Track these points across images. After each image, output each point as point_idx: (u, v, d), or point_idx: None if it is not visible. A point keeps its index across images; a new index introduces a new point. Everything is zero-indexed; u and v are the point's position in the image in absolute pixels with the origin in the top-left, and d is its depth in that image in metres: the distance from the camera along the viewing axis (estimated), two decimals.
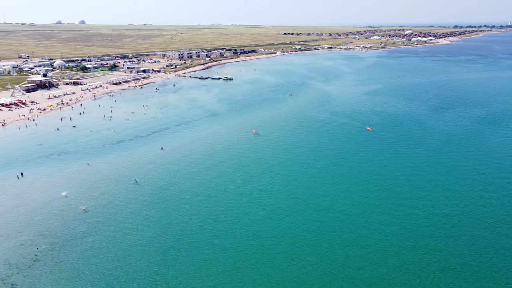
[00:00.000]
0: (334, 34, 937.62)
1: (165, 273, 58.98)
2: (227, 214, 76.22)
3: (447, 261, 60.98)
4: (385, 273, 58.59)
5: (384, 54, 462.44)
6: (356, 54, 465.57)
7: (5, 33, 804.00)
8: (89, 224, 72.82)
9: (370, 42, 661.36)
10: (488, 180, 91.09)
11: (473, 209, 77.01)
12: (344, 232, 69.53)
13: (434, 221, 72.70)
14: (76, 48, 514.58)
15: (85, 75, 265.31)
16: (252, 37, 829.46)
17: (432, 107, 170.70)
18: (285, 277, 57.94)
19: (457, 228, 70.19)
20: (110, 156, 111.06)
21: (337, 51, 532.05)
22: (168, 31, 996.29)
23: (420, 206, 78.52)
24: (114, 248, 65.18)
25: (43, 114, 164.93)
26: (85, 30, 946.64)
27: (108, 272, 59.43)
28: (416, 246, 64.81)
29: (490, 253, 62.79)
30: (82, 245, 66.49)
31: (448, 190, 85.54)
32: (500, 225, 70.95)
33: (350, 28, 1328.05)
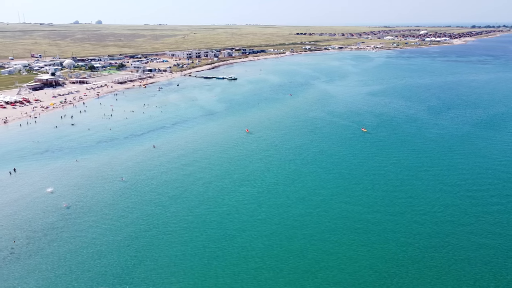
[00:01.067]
0: (347, 34, 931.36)
1: (138, 268, 60.22)
2: (206, 211, 77.24)
3: (445, 263, 60.98)
4: (384, 273, 58.70)
5: (394, 55, 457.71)
6: (365, 55, 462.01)
7: (23, 32, 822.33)
8: (68, 220, 74.61)
9: (382, 42, 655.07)
10: (480, 182, 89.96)
11: (465, 212, 76.34)
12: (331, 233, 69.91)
13: (424, 223, 72.43)
14: (89, 48, 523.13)
15: (92, 74, 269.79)
16: (264, 37, 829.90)
17: (431, 108, 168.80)
18: (274, 278, 58.34)
19: (451, 235, 69.81)
20: (101, 153, 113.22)
21: (348, 51, 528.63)
22: (182, 31, 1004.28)
23: (403, 207, 78.25)
24: (89, 244, 66.68)
25: (45, 112, 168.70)
26: (99, 30, 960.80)
27: (80, 266, 60.95)
28: (411, 246, 64.85)
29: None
30: (59, 240, 68.23)
31: (436, 193, 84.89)
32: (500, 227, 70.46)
33: (364, 28, 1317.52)
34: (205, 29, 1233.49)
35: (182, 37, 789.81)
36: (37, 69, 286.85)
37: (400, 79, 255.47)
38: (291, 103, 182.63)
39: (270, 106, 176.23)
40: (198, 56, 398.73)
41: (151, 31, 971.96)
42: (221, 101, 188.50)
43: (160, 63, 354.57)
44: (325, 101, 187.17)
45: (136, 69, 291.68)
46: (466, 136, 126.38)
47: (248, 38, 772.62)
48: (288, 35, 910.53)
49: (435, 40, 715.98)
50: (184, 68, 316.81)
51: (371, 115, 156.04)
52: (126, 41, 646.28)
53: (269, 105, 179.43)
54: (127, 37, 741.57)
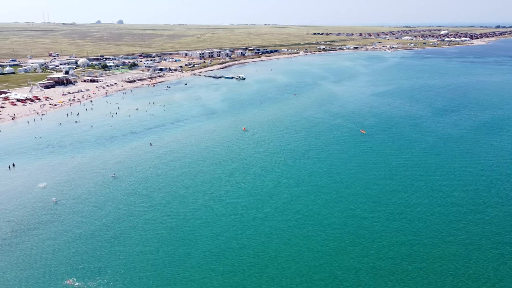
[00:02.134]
0: (365, 34, 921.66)
1: (110, 261, 62.07)
2: (189, 206, 78.65)
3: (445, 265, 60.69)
4: (382, 274, 58.61)
5: (409, 55, 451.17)
6: (380, 55, 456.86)
7: (45, 32, 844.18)
8: (55, 215, 76.78)
9: (400, 42, 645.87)
10: (480, 185, 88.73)
11: (446, 220, 75.64)
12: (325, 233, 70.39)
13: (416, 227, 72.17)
14: (106, 47, 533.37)
15: (104, 73, 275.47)
16: (281, 37, 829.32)
17: (435, 110, 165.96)
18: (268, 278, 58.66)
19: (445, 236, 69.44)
20: (97, 150, 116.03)
21: (363, 51, 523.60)
22: (199, 31, 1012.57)
23: (377, 209, 77.98)
24: (72, 238, 68.68)
25: (53, 110, 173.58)
26: (119, 30, 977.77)
27: (60, 259, 63.02)
28: (408, 248, 64.77)
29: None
30: (43, 234, 70.39)
31: (423, 193, 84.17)
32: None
33: (383, 28, 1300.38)
34: (223, 28, 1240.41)
35: (198, 36, 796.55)
36: (52, 68, 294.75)
37: (410, 80, 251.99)
38: (294, 103, 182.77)
39: (272, 106, 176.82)
40: (211, 55, 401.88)
41: (169, 31, 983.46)
42: (225, 101, 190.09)
43: (173, 62, 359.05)
44: (328, 101, 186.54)
45: (147, 68, 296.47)
46: (465, 140, 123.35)
47: (264, 38, 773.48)
48: (305, 35, 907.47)
49: (454, 41, 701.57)
50: (195, 68, 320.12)
51: (373, 117, 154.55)
52: (143, 41, 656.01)
53: (271, 105, 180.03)
54: (145, 37, 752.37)
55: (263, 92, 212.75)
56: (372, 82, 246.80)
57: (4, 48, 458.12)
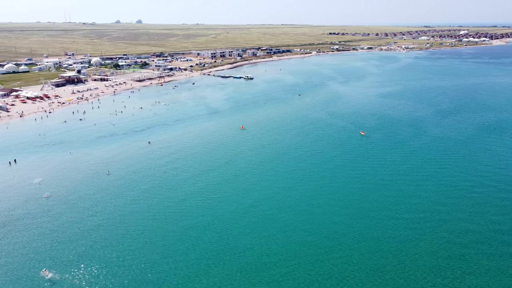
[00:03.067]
0: (381, 34, 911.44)
1: (95, 255, 64.15)
2: (179, 204, 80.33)
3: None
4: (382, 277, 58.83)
5: (424, 56, 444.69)
6: (393, 55, 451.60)
7: (64, 32, 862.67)
8: (43, 210, 79.10)
9: (415, 42, 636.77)
10: (478, 188, 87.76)
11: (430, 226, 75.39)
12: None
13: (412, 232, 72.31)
14: (121, 47, 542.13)
15: (115, 72, 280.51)
16: (296, 37, 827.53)
17: (439, 112, 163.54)
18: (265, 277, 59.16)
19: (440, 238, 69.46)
20: (96, 147, 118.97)
21: (377, 51, 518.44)
22: (216, 31, 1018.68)
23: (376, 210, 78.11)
24: (56, 231, 71.08)
25: (61, 108, 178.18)
26: (137, 30, 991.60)
27: (39, 250, 65.51)
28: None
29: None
30: (28, 226, 72.99)
31: (418, 199, 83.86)
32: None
33: (401, 28, 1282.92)
34: (239, 28, 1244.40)
35: (213, 36, 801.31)
36: (66, 67, 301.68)
37: (418, 81, 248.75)
38: (297, 103, 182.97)
39: (274, 106, 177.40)
40: (223, 55, 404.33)
41: (186, 31, 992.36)
42: (228, 100, 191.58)
43: (184, 62, 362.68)
44: (332, 102, 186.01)
45: (157, 68, 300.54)
46: (464, 142, 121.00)
47: (278, 38, 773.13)
48: (321, 35, 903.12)
49: (473, 41, 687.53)
50: (205, 67, 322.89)
51: (375, 118, 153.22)
52: (158, 40, 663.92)
53: (274, 105, 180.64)
54: (161, 36, 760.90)
55: (268, 92, 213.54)
56: (380, 83, 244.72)
57: (23, 47, 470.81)
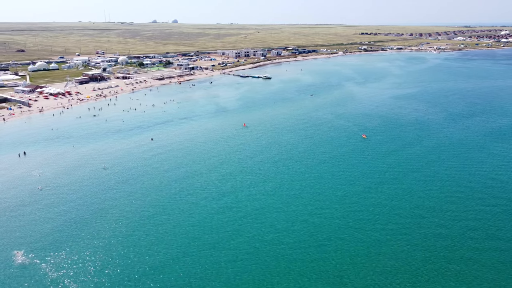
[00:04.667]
0: (416, 34, 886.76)
1: (68, 244, 68.35)
2: (177, 199, 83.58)
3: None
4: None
5: (454, 57, 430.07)
6: (422, 56, 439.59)
7: (102, 31, 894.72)
8: (34, 200, 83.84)
9: (450, 43, 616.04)
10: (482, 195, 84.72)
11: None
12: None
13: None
14: (151, 46, 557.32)
15: (139, 71, 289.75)
16: (326, 37, 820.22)
17: (451, 114, 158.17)
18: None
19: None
20: (100, 142, 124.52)
21: (406, 52, 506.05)
22: (247, 30, 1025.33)
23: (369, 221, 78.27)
24: (42, 222, 75.78)
25: (79, 104, 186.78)
26: (170, 29, 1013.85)
27: (19, 234, 70.41)
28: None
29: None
30: (13, 213, 78.10)
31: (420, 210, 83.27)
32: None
33: (438, 28, 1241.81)
34: (272, 28, 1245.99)
35: (244, 36, 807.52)
36: (93, 65, 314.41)
37: (439, 83, 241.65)
38: (306, 104, 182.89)
39: (283, 106, 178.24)
40: (247, 55, 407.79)
41: (218, 30, 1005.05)
42: (240, 100, 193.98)
43: (208, 61, 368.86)
44: (342, 103, 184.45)
45: (179, 67, 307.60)
46: (470, 147, 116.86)
47: (308, 38, 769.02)
48: (352, 35, 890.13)
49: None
50: (227, 67, 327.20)
51: (381, 120, 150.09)
52: (188, 40, 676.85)
53: (283, 104, 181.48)
54: (192, 36, 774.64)
55: (281, 92, 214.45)
56: (398, 84, 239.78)
57: (58, 46, 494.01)
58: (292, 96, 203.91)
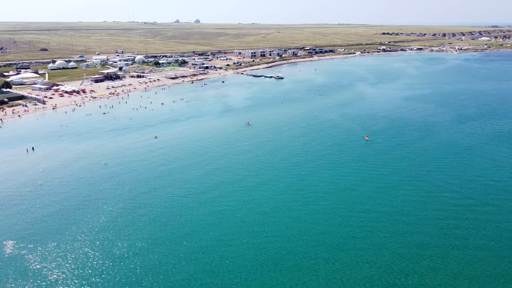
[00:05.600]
0: (439, 35, 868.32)
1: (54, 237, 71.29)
2: (170, 197, 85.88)
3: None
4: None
5: (476, 57, 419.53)
6: (442, 57, 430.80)
7: (124, 30, 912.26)
8: (33, 195, 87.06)
9: (473, 43, 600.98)
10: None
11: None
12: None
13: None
14: (170, 45, 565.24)
15: (154, 70, 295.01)
16: (346, 36, 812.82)
17: (460, 116, 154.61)
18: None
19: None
20: (105, 139, 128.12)
21: (426, 52, 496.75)
22: (268, 30, 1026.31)
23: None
24: (34, 214, 79.26)
25: (92, 102, 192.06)
26: (191, 29, 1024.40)
27: (12, 226, 73.82)
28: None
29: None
30: (12, 208, 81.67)
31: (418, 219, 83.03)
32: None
33: (463, 28, 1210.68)
34: (293, 28, 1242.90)
35: (263, 36, 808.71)
36: (111, 64, 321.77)
37: (453, 84, 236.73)
38: (313, 104, 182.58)
39: (290, 106, 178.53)
40: (263, 55, 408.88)
41: (239, 30, 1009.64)
42: (248, 99, 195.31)
43: (223, 60, 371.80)
44: (350, 103, 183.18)
45: (193, 66, 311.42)
46: (475, 150, 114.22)
47: (328, 38, 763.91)
48: (373, 35, 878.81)
49: None
50: (241, 66, 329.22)
51: (387, 121, 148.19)
52: (207, 39, 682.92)
53: (290, 104, 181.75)
54: (211, 36, 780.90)
55: (291, 92, 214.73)
56: (411, 85, 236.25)
57: (80, 45, 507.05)
58: (301, 96, 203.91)
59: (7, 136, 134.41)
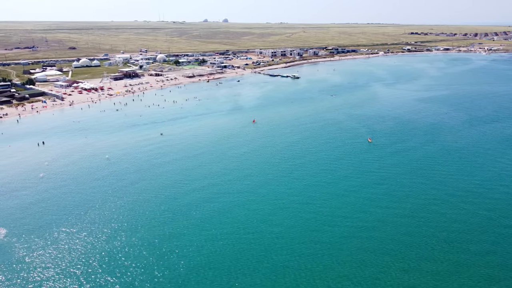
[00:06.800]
0: (470, 34, 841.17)
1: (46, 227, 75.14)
2: (173, 192, 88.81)
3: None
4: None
5: (504, 58, 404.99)
6: (468, 57, 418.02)
7: (152, 30, 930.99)
8: (31, 187, 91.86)
9: (504, 43, 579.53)
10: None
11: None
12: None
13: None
14: (194, 44, 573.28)
15: (173, 68, 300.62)
16: (373, 36, 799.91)
17: (473, 119, 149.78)
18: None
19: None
20: (112, 135, 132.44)
21: (453, 53, 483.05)
22: (294, 30, 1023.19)
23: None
24: (31, 206, 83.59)
25: (108, 99, 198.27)
26: (217, 28, 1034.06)
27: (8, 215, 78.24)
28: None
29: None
30: (7, 196, 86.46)
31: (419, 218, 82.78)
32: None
33: (496, 28, 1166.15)
34: (320, 27, 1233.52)
35: (288, 35, 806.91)
36: (132, 62, 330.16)
37: (473, 86, 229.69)
38: (323, 104, 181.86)
39: (299, 105, 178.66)
40: (283, 54, 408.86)
41: (265, 29, 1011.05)
42: (259, 98, 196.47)
43: (244, 59, 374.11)
44: (360, 104, 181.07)
45: (212, 65, 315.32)
46: (479, 155, 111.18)
47: (353, 38, 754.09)
48: (401, 34, 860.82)
49: None
50: (259, 66, 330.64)
51: (393, 123, 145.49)
52: (231, 39, 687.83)
53: (300, 104, 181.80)
54: (236, 35, 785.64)
55: (304, 92, 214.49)
56: (428, 86, 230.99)
57: (107, 44, 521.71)
58: (313, 95, 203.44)
59: (23, 130, 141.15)
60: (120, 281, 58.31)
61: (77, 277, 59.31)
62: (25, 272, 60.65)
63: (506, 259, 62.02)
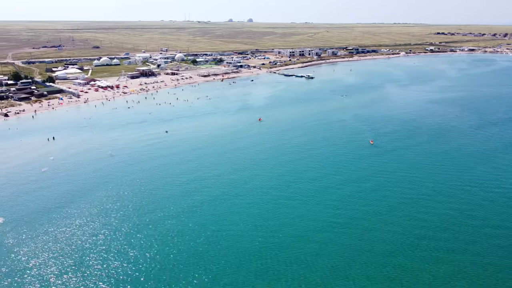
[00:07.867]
0: (500, 35, 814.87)
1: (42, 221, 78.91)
2: (177, 190, 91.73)
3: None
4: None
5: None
6: (493, 58, 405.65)
7: (177, 29, 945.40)
8: (34, 181, 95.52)
9: None
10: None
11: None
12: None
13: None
14: (216, 44, 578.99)
15: (190, 67, 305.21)
16: (397, 36, 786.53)
17: (484, 121, 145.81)
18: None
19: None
20: (119, 132, 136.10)
21: (478, 53, 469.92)
22: (318, 29, 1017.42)
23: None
24: (32, 200, 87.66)
25: (122, 96, 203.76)
26: (240, 28, 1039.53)
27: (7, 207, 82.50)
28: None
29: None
30: (14, 193, 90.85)
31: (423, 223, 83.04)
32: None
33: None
34: (344, 27, 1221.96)
35: (310, 35, 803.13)
36: (151, 61, 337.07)
37: (491, 87, 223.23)
38: (332, 104, 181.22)
39: (307, 105, 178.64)
40: (302, 54, 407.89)
41: (288, 29, 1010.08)
42: (269, 98, 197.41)
43: (261, 59, 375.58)
44: (369, 105, 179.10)
45: (228, 65, 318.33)
46: (482, 158, 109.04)
47: (376, 38, 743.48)
48: (427, 34, 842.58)
49: None
50: (276, 65, 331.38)
51: (399, 124, 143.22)
52: (253, 39, 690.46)
53: (308, 104, 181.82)
54: (258, 35, 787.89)
55: (315, 92, 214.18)
56: (444, 87, 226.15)
57: (130, 43, 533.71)
58: (324, 96, 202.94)
59: (36, 126, 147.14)
60: (117, 271, 60.73)
61: (74, 264, 62.41)
62: (18, 257, 64.25)
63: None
